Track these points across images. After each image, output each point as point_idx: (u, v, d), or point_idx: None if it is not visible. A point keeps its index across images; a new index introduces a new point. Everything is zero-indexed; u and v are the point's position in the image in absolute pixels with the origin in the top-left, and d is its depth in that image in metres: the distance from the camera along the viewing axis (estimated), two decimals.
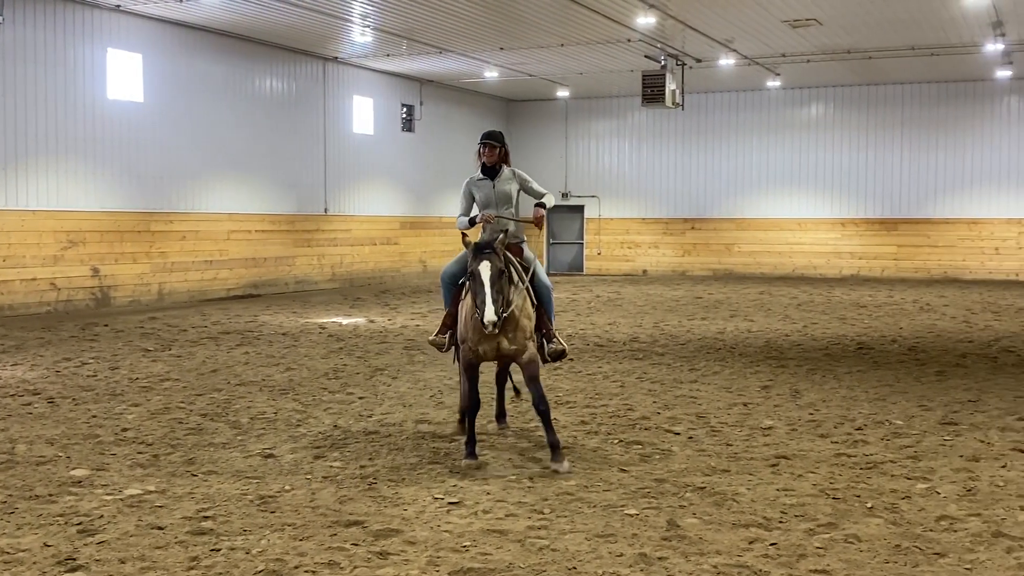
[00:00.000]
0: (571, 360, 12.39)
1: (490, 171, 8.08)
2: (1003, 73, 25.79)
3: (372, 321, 17.41)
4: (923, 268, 28.94)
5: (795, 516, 6.15)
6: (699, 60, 24.47)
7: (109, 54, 19.50)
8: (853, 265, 29.65)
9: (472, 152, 8.55)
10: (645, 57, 23.79)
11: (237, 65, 22.46)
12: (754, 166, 30.65)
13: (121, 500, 6.44)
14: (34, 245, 18.17)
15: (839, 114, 29.77)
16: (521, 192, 8.19)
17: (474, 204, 8.16)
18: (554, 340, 7.86)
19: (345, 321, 17.41)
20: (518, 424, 8.80)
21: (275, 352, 13.43)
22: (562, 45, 22.88)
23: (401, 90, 28.11)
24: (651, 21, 19.74)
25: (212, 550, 5.50)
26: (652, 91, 23.73)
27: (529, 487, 6.79)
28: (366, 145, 26.79)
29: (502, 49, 23.46)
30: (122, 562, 5.31)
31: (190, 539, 5.68)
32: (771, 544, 5.62)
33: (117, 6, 19.11)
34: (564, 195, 32.23)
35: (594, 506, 6.34)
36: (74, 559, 5.33)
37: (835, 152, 29.77)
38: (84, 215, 19.05)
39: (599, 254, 32.44)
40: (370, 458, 7.57)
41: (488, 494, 6.61)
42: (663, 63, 23.73)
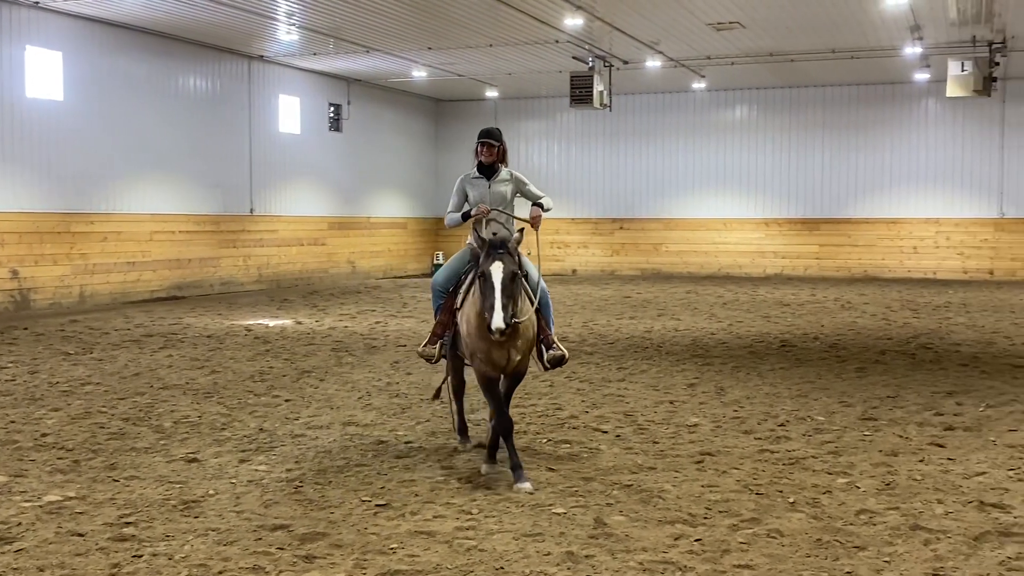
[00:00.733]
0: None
1: (487, 170, 7.76)
2: (921, 76, 26.42)
3: (299, 323, 17.25)
4: (844, 267, 29.51)
5: (719, 512, 6.24)
6: (626, 62, 24.67)
7: (28, 52, 18.98)
8: (777, 264, 30.14)
9: (399, 152, 8.47)
10: (573, 58, 23.92)
11: (160, 63, 22.07)
12: (681, 167, 30.98)
13: (40, 507, 6.30)
14: None
15: (763, 116, 30.22)
16: (517, 195, 7.86)
17: (466, 202, 7.80)
18: (554, 346, 7.49)
19: (271, 323, 17.22)
20: (447, 425, 8.80)
21: (199, 355, 13.24)
22: (490, 45, 22.91)
23: (328, 89, 27.87)
24: (578, 23, 19.86)
25: (134, 556, 5.42)
26: (580, 92, 23.87)
27: (457, 488, 6.80)
28: (293, 145, 26.52)
29: (430, 49, 23.40)
30: (41, 570, 5.20)
31: (111, 545, 5.58)
32: (696, 540, 5.70)
33: (36, 3, 18.63)
34: None
35: (522, 506, 6.37)
36: None
37: (759, 153, 30.21)
38: (2, 216, 18.53)
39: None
40: (296, 461, 7.51)
41: (416, 496, 6.60)
42: (591, 64, 23.89)
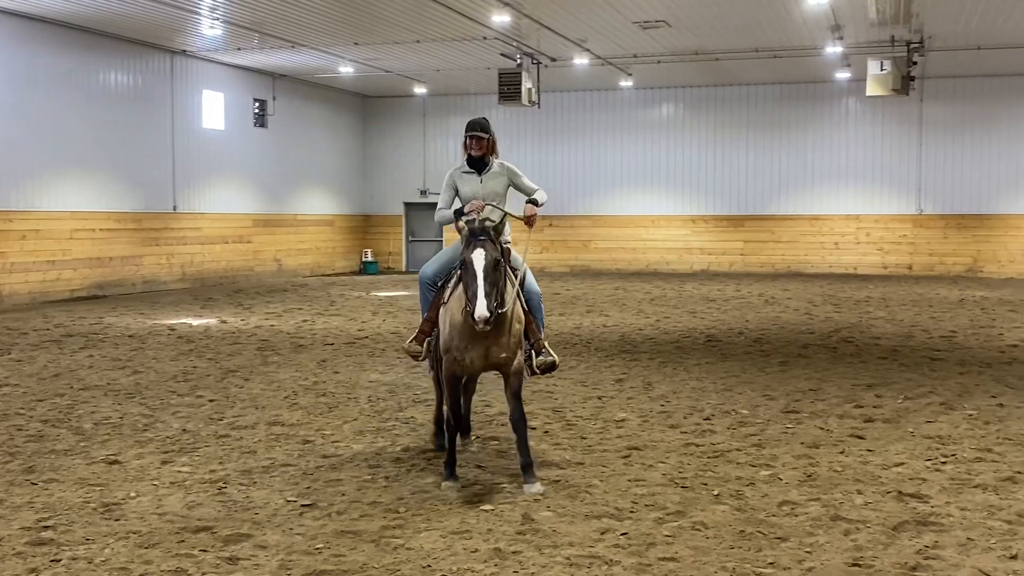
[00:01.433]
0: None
1: (478, 163, 7.29)
2: (842, 75, 26.99)
3: (224, 322, 17.01)
4: (768, 263, 29.98)
5: (645, 506, 6.30)
6: (554, 59, 24.76)
7: None
8: (703, 260, 30.50)
9: (325, 149, 8.31)
10: (501, 55, 23.94)
11: (80, 58, 21.57)
12: (609, 164, 31.18)
13: None
14: None
15: (689, 114, 30.56)
16: (510, 188, 7.41)
17: (457, 198, 7.36)
18: (544, 351, 7.14)
19: (195, 322, 16.96)
20: (375, 423, 8.75)
21: (121, 355, 12.98)
22: (418, 41, 22.81)
23: (253, 84, 27.50)
24: (506, 19, 19.88)
25: (52, 561, 5.29)
26: (508, 89, 23.90)
27: (384, 487, 6.75)
28: (217, 141, 26.11)
29: (357, 44, 23.22)
30: None
31: (29, 550, 5.44)
32: (622, 534, 5.74)
33: None
34: (422, 192, 32.14)
35: (450, 503, 6.36)
36: None
37: (685, 151, 30.55)
38: None
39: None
40: (220, 462, 7.40)
41: (342, 495, 6.55)
42: (519, 61, 23.93)
